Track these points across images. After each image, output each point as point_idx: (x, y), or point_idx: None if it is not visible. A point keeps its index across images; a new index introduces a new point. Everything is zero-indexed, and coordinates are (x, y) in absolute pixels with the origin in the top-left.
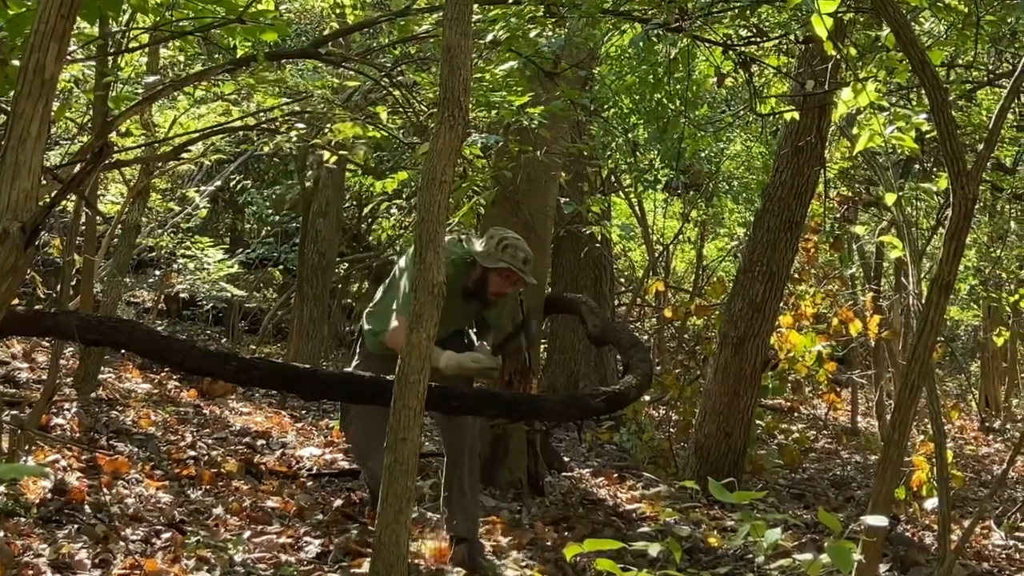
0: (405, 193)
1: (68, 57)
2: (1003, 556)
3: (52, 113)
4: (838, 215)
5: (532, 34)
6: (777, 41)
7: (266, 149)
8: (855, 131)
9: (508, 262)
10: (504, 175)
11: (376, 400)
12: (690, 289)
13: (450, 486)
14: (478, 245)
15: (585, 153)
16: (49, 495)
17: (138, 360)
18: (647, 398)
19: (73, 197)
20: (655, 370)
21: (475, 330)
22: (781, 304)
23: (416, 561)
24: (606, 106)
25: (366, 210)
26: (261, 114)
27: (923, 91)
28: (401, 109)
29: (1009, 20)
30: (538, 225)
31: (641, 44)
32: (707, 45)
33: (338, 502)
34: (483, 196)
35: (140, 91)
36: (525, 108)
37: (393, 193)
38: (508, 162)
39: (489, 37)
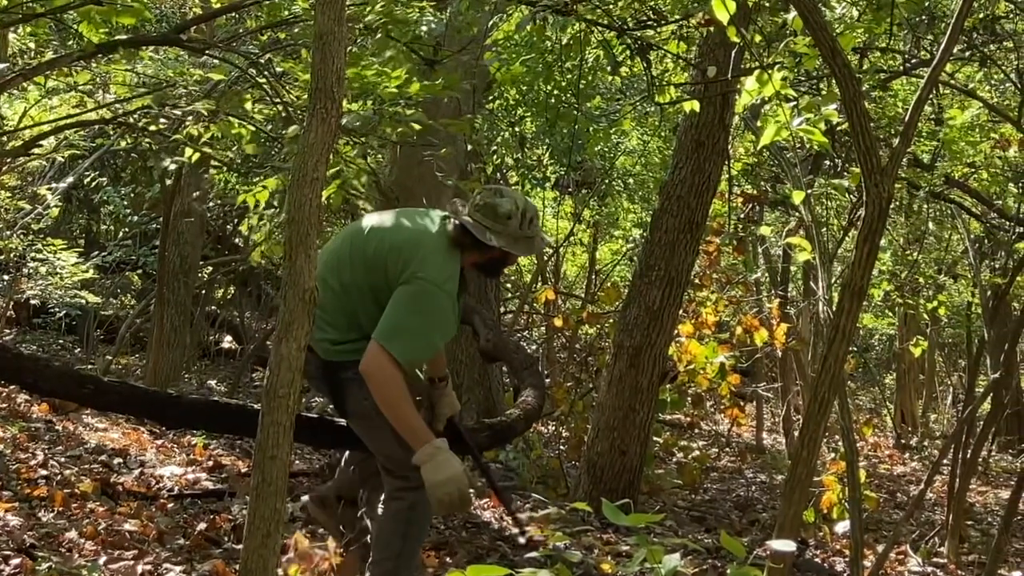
0: (276, 199)
1: None
2: None
3: None
4: (742, 215)
5: (412, 18)
6: (676, 26)
7: (123, 144)
8: (760, 124)
9: (533, 234)
10: (384, 172)
11: (243, 430)
12: (582, 295)
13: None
14: (478, 223)
15: (465, 135)
16: None
17: None
18: None
19: None
20: (545, 386)
21: None
22: (680, 312)
23: None
24: (491, 97)
25: (245, 221)
26: (118, 106)
27: (834, 80)
28: (269, 100)
29: (926, 3)
30: None
31: (528, 28)
32: (601, 29)
33: (201, 525)
34: (353, 182)
35: None
36: (403, 87)
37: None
38: (378, 149)
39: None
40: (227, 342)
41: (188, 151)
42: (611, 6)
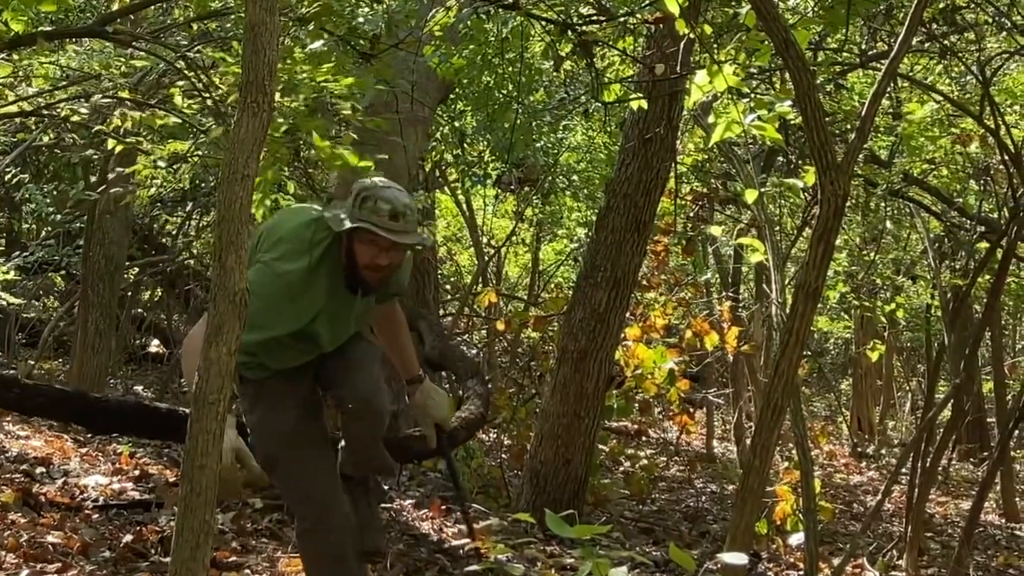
0: (180, 171)
1: None
2: None
3: None
4: (691, 214)
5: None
6: (623, 20)
7: (46, 139)
8: (710, 120)
9: (365, 219)
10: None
11: (174, 435)
12: (525, 297)
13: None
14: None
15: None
16: None
17: None
18: None
19: None
20: (490, 394)
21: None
22: (627, 314)
23: None
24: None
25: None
26: (39, 99)
27: (787, 75)
28: (198, 92)
29: None
30: None
31: (468, 22)
32: (543, 23)
33: (128, 537)
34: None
35: None
36: (330, 83)
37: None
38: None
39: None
40: (154, 346)
41: (111, 142)
42: (555, 1)
